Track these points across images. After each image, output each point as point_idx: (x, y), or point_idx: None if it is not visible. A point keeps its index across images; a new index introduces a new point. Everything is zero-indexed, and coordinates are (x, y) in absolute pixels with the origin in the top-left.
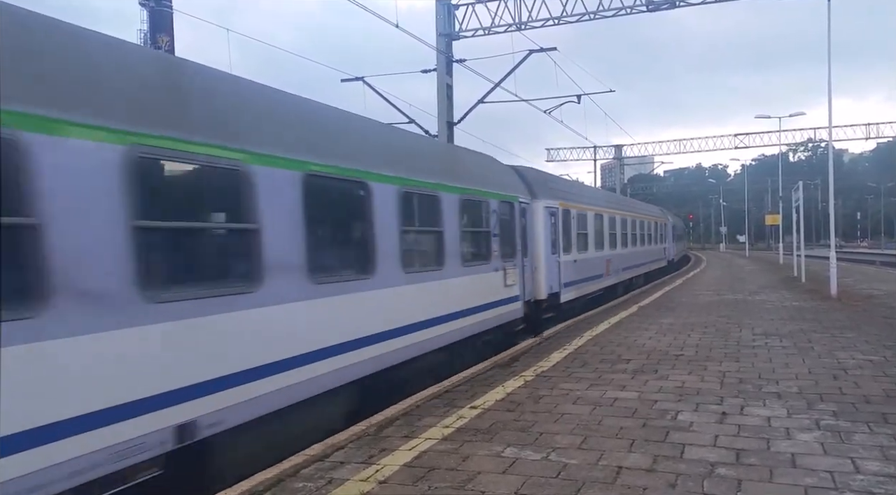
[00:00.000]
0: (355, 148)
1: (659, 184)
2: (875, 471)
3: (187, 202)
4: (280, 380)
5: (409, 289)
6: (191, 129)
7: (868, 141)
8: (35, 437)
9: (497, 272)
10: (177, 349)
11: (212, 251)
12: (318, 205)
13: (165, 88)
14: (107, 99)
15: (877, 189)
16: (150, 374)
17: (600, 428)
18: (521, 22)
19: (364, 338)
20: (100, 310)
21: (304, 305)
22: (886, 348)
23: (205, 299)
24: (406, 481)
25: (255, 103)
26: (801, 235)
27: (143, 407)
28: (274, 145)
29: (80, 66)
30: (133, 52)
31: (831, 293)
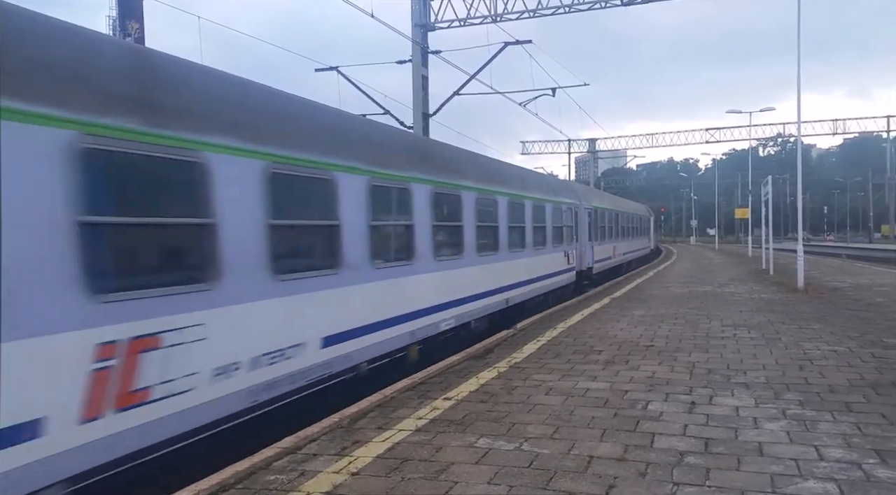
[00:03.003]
0: (479, 170)
1: (632, 177)
2: (838, 458)
3: (302, 206)
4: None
5: (530, 260)
6: (304, 149)
7: (835, 136)
8: None
9: (565, 253)
10: (293, 312)
11: (313, 243)
12: (438, 206)
13: (298, 122)
14: (260, 131)
15: (843, 184)
16: (269, 331)
17: (572, 418)
18: (497, 14)
19: (500, 288)
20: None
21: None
22: (851, 339)
23: (308, 279)
24: (379, 472)
25: (349, 129)
26: (770, 229)
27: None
28: (354, 160)
29: (250, 109)
30: (277, 96)
31: (798, 285)
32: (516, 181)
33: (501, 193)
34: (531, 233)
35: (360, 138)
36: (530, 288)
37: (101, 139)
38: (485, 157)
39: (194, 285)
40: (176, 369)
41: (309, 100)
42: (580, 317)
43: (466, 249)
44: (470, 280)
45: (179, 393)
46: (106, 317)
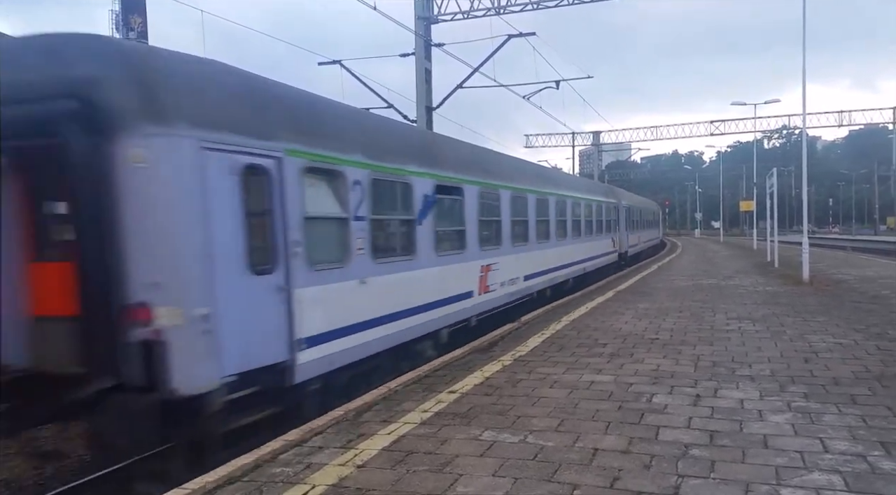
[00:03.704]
0: (545, 178)
1: (636, 170)
2: (843, 451)
3: (446, 211)
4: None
5: (593, 243)
6: (445, 168)
7: (840, 128)
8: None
9: (612, 239)
10: (437, 280)
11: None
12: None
13: (453, 152)
14: (433, 159)
15: (848, 176)
16: (415, 293)
17: (577, 411)
18: (500, 6)
19: (579, 261)
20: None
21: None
22: (856, 332)
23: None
24: (384, 465)
25: (456, 149)
26: (775, 221)
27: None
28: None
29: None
30: (426, 134)
31: (803, 278)
32: (582, 187)
33: (572, 197)
34: (594, 225)
35: (511, 166)
36: (594, 262)
37: (350, 167)
38: (560, 172)
39: (407, 255)
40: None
41: (450, 138)
42: (585, 311)
43: (548, 234)
44: (562, 256)
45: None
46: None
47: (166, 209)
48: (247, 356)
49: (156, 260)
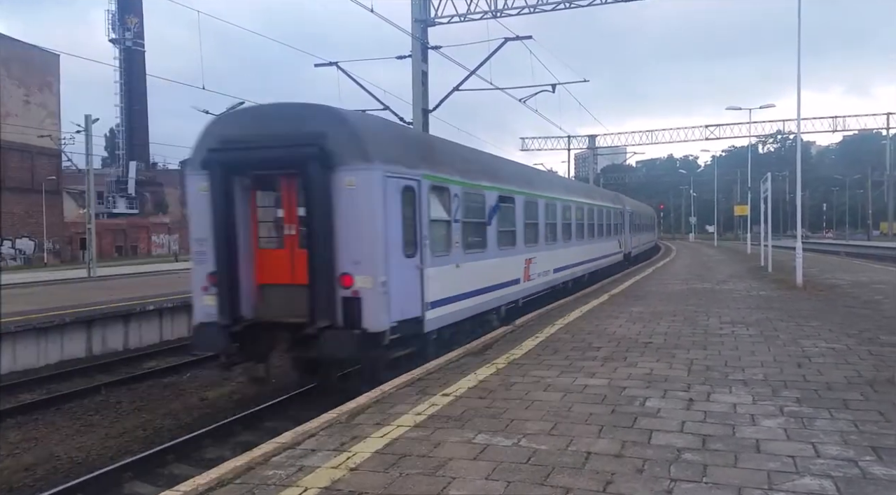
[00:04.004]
0: (571, 190)
1: (631, 174)
2: (834, 455)
3: (504, 215)
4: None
5: (604, 244)
6: (504, 182)
7: (834, 133)
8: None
9: (618, 241)
10: (501, 270)
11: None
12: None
13: (513, 173)
14: (486, 173)
15: (842, 181)
16: (487, 276)
17: (570, 414)
18: (497, 9)
19: (592, 259)
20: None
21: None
22: (849, 337)
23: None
24: (377, 468)
25: (520, 171)
26: (769, 226)
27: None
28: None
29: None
30: (502, 161)
31: (797, 283)
32: (597, 195)
33: (588, 204)
34: (606, 228)
35: (545, 179)
36: (605, 260)
37: (458, 184)
38: (583, 184)
39: (480, 249)
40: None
41: (517, 162)
42: (579, 314)
43: (562, 235)
44: (580, 254)
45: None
46: (469, 256)
47: (365, 215)
48: (402, 310)
49: (357, 246)
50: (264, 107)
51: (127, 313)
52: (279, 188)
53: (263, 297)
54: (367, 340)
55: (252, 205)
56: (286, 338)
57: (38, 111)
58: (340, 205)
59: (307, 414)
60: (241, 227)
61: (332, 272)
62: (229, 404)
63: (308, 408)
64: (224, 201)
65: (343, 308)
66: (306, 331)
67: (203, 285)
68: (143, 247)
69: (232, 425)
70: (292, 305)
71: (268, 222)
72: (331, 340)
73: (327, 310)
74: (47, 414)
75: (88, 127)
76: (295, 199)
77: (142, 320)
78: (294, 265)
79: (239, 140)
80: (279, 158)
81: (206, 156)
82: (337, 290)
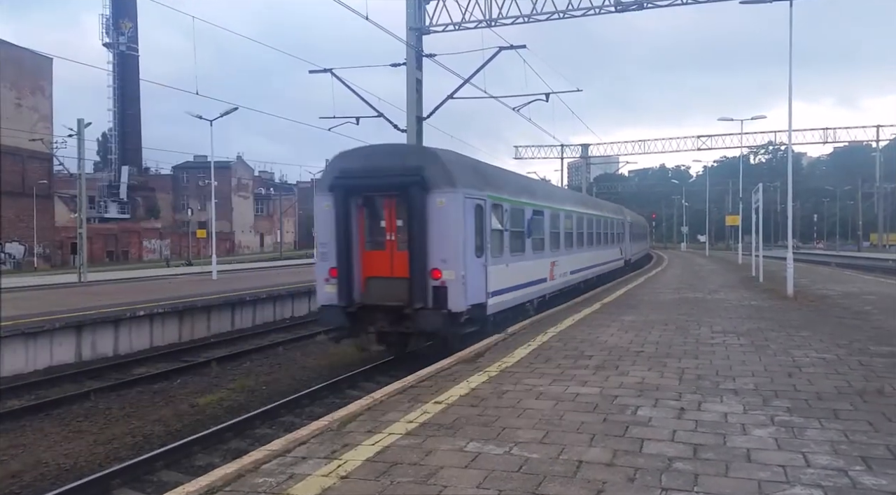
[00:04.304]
0: (590, 205)
1: (623, 183)
2: (825, 465)
3: (536, 226)
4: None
5: (608, 250)
6: (536, 199)
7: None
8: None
9: (619, 248)
10: (536, 270)
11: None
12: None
13: (542, 191)
14: (527, 191)
15: (833, 192)
16: (525, 274)
17: (562, 422)
18: (492, 19)
19: (599, 264)
20: (530, 252)
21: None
22: (839, 347)
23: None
24: (368, 476)
25: (550, 190)
26: (760, 236)
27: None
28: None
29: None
30: (536, 182)
31: (788, 293)
32: (604, 208)
33: (596, 215)
34: (609, 238)
35: (563, 195)
36: (609, 265)
37: (508, 201)
38: (592, 198)
39: (521, 252)
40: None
41: (547, 182)
42: (571, 322)
43: (577, 243)
44: (583, 259)
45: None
46: (515, 257)
47: (451, 226)
48: (473, 297)
49: (444, 249)
50: (373, 146)
51: (117, 318)
52: (382, 206)
53: (368, 286)
54: (450, 318)
55: (361, 219)
56: (384, 317)
57: (30, 114)
58: (433, 218)
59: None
60: (354, 235)
61: (426, 267)
62: (219, 411)
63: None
64: (343, 216)
65: (433, 294)
66: (405, 311)
67: (325, 277)
68: (135, 252)
69: (222, 432)
70: (390, 293)
71: (373, 231)
72: (424, 318)
73: (422, 295)
74: (35, 421)
75: (81, 131)
76: (394, 214)
77: (132, 326)
78: (392, 262)
79: (354, 171)
80: (385, 185)
81: (332, 182)
82: (429, 281)
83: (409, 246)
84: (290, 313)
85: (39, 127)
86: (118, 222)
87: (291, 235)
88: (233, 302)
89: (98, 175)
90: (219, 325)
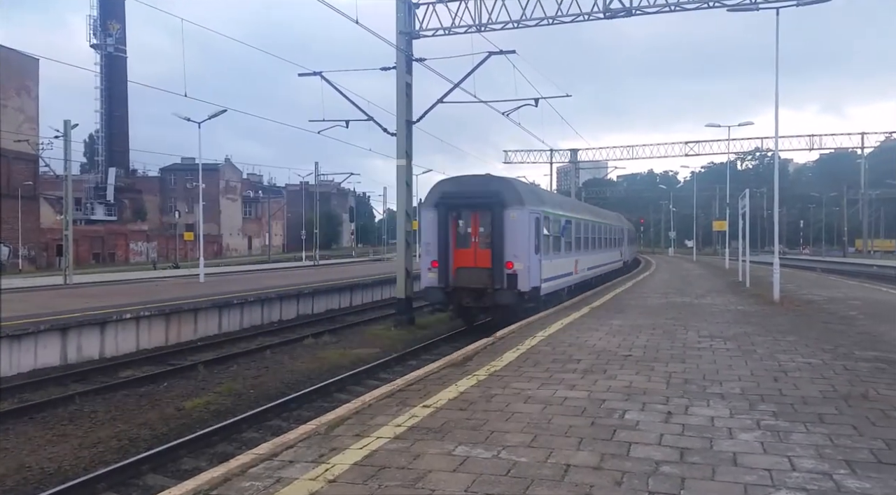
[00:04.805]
0: (601, 216)
1: (612, 188)
2: (810, 469)
3: (565, 231)
4: (583, 273)
5: (610, 253)
6: (566, 210)
7: (811, 151)
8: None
9: (620, 251)
10: (566, 265)
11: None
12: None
13: (569, 204)
14: (561, 206)
15: (819, 198)
16: (562, 268)
17: (550, 426)
18: (481, 24)
19: (605, 263)
20: (564, 251)
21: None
22: (825, 351)
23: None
24: (356, 480)
25: (574, 204)
26: (747, 241)
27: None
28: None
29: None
30: (566, 199)
31: (774, 298)
32: (608, 217)
33: (603, 223)
34: (612, 242)
35: (582, 207)
36: (613, 265)
37: (552, 214)
38: (599, 209)
39: (566, 251)
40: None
41: (576, 200)
42: (559, 326)
43: (591, 246)
44: (594, 259)
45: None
46: (555, 256)
47: (520, 232)
48: (533, 281)
49: (515, 248)
50: (464, 176)
51: (103, 321)
52: (469, 218)
53: (458, 274)
54: (519, 296)
55: (454, 226)
56: (468, 296)
57: (16, 115)
58: (508, 227)
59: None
60: (449, 237)
61: (503, 260)
62: (206, 414)
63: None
64: (443, 224)
65: (507, 279)
66: (486, 291)
67: (428, 267)
68: (121, 254)
69: (209, 436)
70: (474, 278)
71: (461, 235)
72: (501, 295)
73: (501, 280)
74: (18, 424)
75: (67, 132)
76: (477, 223)
77: (118, 328)
78: (475, 257)
79: (451, 193)
80: (473, 203)
81: (436, 201)
82: (505, 270)
83: (490, 246)
84: (278, 316)
85: (25, 128)
86: (105, 224)
87: (280, 238)
88: (220, 304)
89: (85, 177)
90: (206, 328)
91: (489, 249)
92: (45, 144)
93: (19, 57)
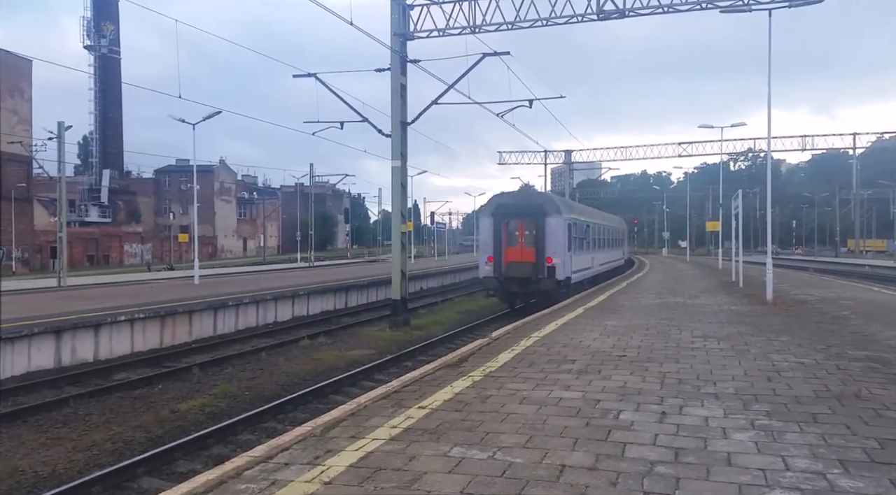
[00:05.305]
0: (607, 220)
1: (606, 189)
2: (803, 468)
3: (584, 233)
4: (595, 268)
5: (614, 251)
6: (585, 216)
7: (804, 152)
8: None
9: (622, 250)
10: (587, 260)
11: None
12: (601, 232)
13: (587, 211)
14: (583, 213)
15: (811, 199)
16: (584, 263)
17: (545, 427)
18: (476, 25)
19: (609, 261)
20: (585, 249)
21: (593, 254)
22: (818, 351)
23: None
24: (352, 482)
25: (590, 211)
26: (740, 242)
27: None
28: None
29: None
30: (588, 209)
31: (767, 298)
32: (614, 220)
33: (611, 226)
34: (616, 242)
35: (596, 213)
36: (617, 262)
37: (578, 220)
38: (606, 213)
39: (587, 249)
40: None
41: (592, 209)
42: (554, 327)
43: (601, 245)
44: (604, 256)
45: (596, 266)
46: (580, 253)
47: (558, 235)
48: (566, 273)
49: (554, 246)
50: (513, 192)
51: (98, 323)
52: (517, 224)
53: (508, 266)
54: (557, 284)
55: (505, 229)
56: (515, 284)
57: (9, 117)
58: (548, 230)
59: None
60: (501, 238)
61: (544, 256)
62: (201, 416)
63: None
64: (498, 228)
65: (547, 271)
66: (531, 280)
67: (485, 261)
68: (116, 256)
69: (204, 438)
70: (520, 270)
71: (511, 236)
72: (543, 283)
73: (543, 271)
74: (12, 428)
75: (61, 134)
76: (524, 227)
77: (113, 330)
78: (522, 253)
79: (504, 205)
80: (521, 213)
81: (493, 211)
82: (545, 264)
83: (534, 245)
84: (273, 318)
85: (18, 129)
86: (99, 226)
87: (275, 239)
88: (215, 306)
89: (79, 178)
90: (201, 330)
91: (533, 248)
92: (39, 146)
93: (12, 58)
